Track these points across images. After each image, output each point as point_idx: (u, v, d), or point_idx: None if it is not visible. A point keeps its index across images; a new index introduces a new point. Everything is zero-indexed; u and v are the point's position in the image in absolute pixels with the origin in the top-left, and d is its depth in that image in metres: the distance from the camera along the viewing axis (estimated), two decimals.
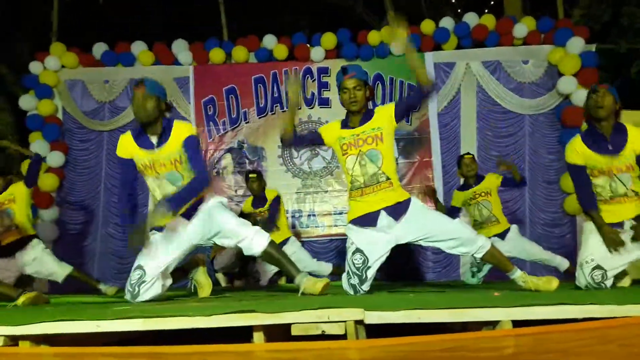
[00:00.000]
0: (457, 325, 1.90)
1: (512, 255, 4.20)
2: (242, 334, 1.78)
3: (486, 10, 7.58)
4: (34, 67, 6.21)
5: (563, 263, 4.53)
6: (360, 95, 2.85)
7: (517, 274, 2.85)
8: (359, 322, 1.73)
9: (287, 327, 1.74)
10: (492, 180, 4.45)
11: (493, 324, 1.77)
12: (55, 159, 6.03)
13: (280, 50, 6.24)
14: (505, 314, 1.76)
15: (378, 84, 6.21)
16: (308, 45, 6.27)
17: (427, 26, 6.15)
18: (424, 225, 2.81)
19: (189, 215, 2.82)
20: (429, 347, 1.53)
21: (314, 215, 6.15)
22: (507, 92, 6.07)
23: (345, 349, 1.53)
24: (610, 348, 1.54)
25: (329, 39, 6.18)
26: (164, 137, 2.79)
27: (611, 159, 2.83)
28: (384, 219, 2.83)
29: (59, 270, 4.37)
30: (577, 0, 7.93)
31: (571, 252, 5.82)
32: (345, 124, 2.96)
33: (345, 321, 1.71)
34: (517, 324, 1.73)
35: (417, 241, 2.86)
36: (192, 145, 2.78)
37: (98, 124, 6.26)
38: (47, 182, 5.93)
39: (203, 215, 2.82)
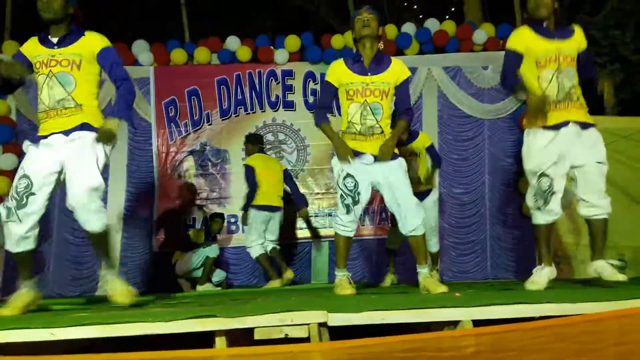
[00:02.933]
0: (420, 326, 1.92)
1: None
2: (204, 340, 1.75)
3: (447, 17, 7.72)
4: None
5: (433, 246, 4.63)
6: (375, 24, 2.94)
7: (425, 270, 3.01)
8: (322, 325, 1.73)
9: (249, 331, 1.72)
10: (423, 140, 4.60)
11: (454, 324, 1.80)
12: (8, 161, 5.79)
13: (244, 52, 6.19)
14: (465, 314, 1.79)
15: None
16: (272, 48, 6.24)
17: (390, 31, 6.22)
18: (396, 183, 3.00)
19: (69, 132, 2.70)
20: (392, 347, 1.55)
21: None
22: (467, 97, 6.20)
23: (308, 352, 1.53)
24: (566, 345, 1.59)
25: (292, 42, 6.18)
26: (68, 39, 2.75)
27: (559, 44, 2.86)
28: (369, 157, 3.00)
29: None
30: None
31: (530, 251, 6.00)
32: (356, 67, 2.99)
33: (308, 324, 1.70)
34: (477, 323, 1.76)
35: (380, 188, 3.06)
36: (111, 57, 2.80)
37: None
38: None
39: (77, 149, 2.67)
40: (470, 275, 5.89)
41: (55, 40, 2.76)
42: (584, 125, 2.87)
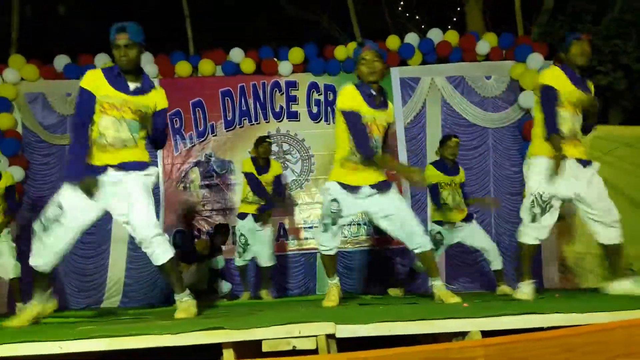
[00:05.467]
0: (428, 337, 1.92)
1: (466, 243, 4.66)
2: (212, 352, 1.75)
3: (449, 27, 7.76)
4: None
5: (496, 262, 4.64)
6: (379, 66, 2.97)
7: (438, 283, 3.06)
8: (330, 336, 1.73)
9: (257, 343, 1.72)
10: (463, 174, 4.85)
11: (463, 335, 1.80)
12: (15, 174, 5.81)
13: (248, 64, 6.24)
14: (473, 325, 1.79)
15: None
16: (275, 60, 6.28)
17: (393, 42, 6.26)
18: (392, 208, 3.05)
19: (121, 167, 2.76)
20: (400, 359, 1.54)
21: (283, 228, 6.12)
22: (471, 106, 6.21)
23: None
24: (574, 355, 1.58)
25: (296, 54, 6.22)
26: (142, 88, 2.84)
27: (583, 93, 3.08)
28: (366, 190, 3.05)
29: (10, 268, 4.64)
30: (535, 16, 8.22)
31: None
32: (367, 99, 3.00)
33: (316, 335, 1.70)
34: (486, 334, 1.76)
35: (377, 217, 3.10)
36: (164, 117, 2.95)
37: (59, 137, 6.09)
38: None
39: (124, 191, 2.75)
40: (477, 285, 5.87)
41: (132, 86, 2.82)
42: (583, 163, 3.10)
